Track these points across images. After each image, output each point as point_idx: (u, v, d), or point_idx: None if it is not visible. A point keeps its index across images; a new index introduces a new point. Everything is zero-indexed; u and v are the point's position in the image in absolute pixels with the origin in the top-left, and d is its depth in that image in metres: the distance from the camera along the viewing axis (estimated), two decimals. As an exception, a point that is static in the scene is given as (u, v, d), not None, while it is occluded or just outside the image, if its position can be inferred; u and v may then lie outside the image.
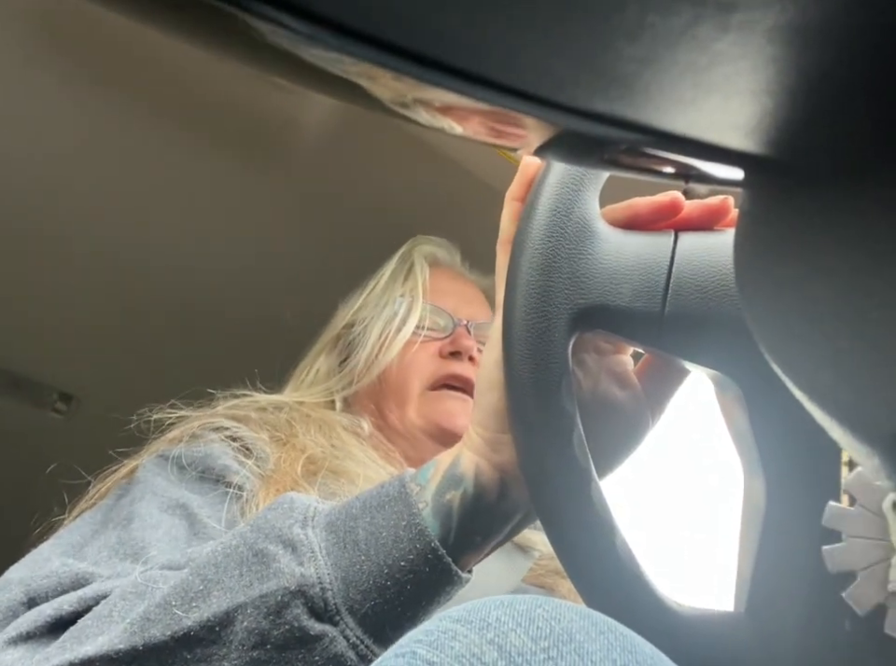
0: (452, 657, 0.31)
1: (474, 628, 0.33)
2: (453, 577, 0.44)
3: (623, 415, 0.48)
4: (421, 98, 0.19)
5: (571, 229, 0.43)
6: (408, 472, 0.47)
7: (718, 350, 0.42)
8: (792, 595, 0.39)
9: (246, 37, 0.17)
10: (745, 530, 0.42)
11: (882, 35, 0.16)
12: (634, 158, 0.20)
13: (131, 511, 0.60)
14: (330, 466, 0.68)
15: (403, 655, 0.33)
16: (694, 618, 0.41)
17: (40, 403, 1.21)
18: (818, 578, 0.39)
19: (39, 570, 0.53)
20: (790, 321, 0.20)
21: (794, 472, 0.40)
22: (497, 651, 0.31)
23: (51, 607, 0.49)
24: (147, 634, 0.43)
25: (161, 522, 0.58)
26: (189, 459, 0.65)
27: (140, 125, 0.93)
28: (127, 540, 0.56)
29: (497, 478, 0.45)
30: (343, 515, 0.46)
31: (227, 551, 0.45)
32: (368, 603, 0.43)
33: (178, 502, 0.61)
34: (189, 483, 0.63)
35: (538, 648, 0.31)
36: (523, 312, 0.42)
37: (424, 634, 0.34)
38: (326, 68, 0.18)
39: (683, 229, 0.45)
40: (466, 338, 0.85)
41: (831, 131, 0.19)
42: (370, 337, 0.84)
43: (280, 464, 0.67)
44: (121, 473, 0.67)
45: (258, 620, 0.42)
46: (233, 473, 0.64)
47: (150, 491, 0.62)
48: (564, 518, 0.41)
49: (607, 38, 0.16)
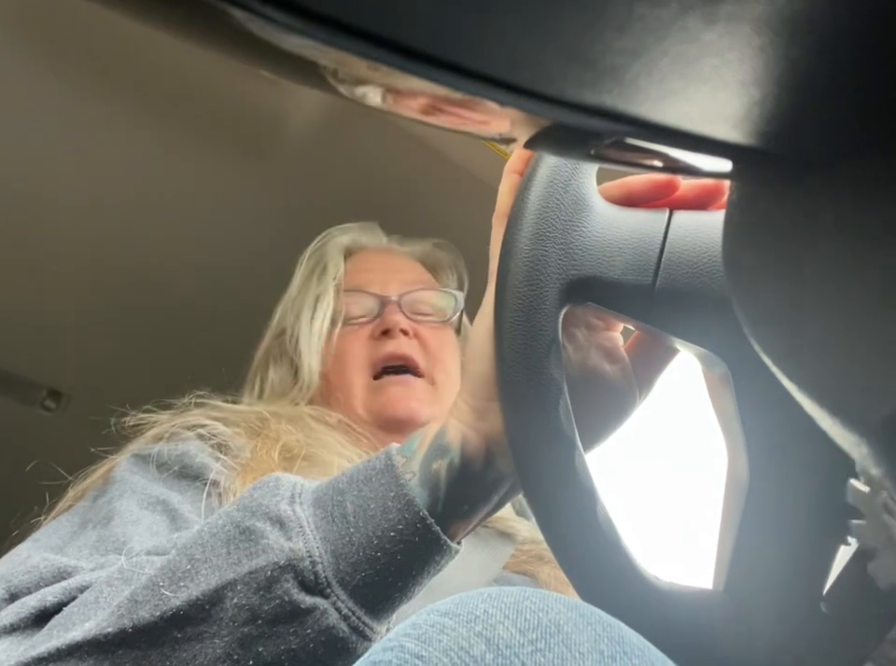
0: (440, 650, 0.32)
1: (462, 621, 0.33)
2: (442, 547, 0.44)
3: (610, 389, 0.49)
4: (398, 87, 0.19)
5: (567, 202, 0.43)
6: (393, 445, 0.47)
7: (706, 327, 0.43)
8: (771, 574, 0.40)
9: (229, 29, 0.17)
10: (727, 508, 0.43)
11: (868, 26, 0.16)
12: (623, 150, 0.20)
13: (110, 510, 0.59)
14: (306, 454, 0.68)
15: (392, 649, 0.33)
16: (672, 592, 0.41)
17: (29, 400, 1.20)
18: (797, 560, 0.39)
19: (19, 566, 0.53)
20: (778, 311, 0.20)
21: (778, 451, 0.40)
22: (485, 644, 0.31)
23: (35, 599, 0.48)
24: (136, 616, 0.43)
25: (141, 518, 0.58)
26: (167, 457, 0.65)
27: (129, 121, 0.92)
28: (108, 537, 0.56)
29: (483, 446, 0.45)
30: (330, 490, 0.46)
31: (213, 531, 0.45)
32: (358, 575, 0.43)
33: (158, 498, 0.60)
34: (168, 481, 0.63)
35: (525, 640, 0.32)
36: (515, 281, 0.42)
37: (412, 628, 0.34)
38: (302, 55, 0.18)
39: (678, 208, 0.45)
40: (393, 313, 0.84)
41: (818, 122, 0.19)
42: (302, 342, 0.83)
43: (256, 451, 0.67)
44: (98, 474, 0.66)
45: (248, 596, 0.42)
46: (211, 470, 0.64)
47: (129, 489, 0.61)
48: (546, 485, 0.41)
49: (595, 30, 0.16)
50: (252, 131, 0.94)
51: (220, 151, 0.97)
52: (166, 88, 0.90)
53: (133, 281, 1.08)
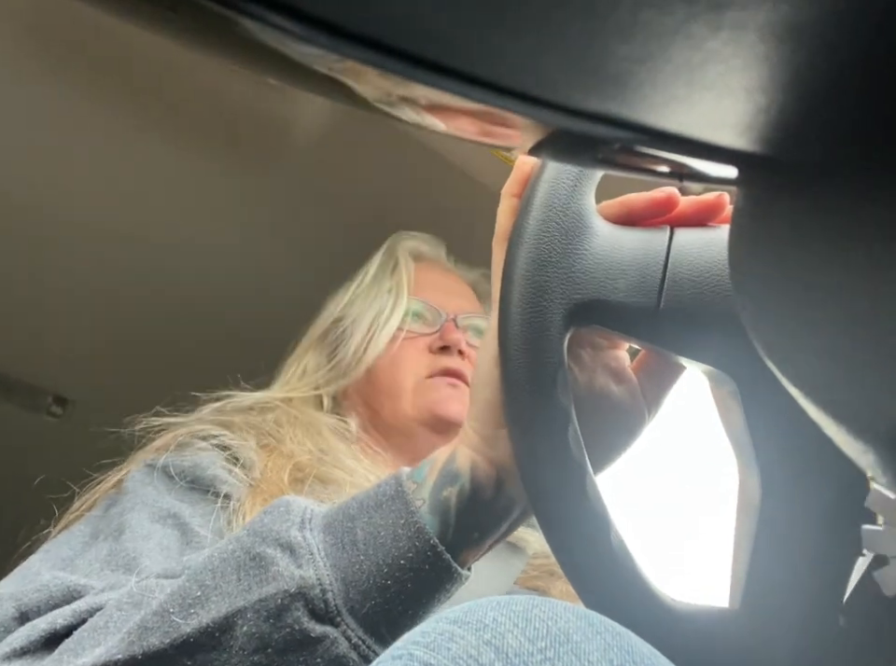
0: (449, 658, 0.31)
1: (471, 629, 0.33)
2: (452, 574, 0.44)
3: (618, 410, 0.48)
4: (408, 96, 0.19)
5: (567, 225, 0.43)
6: (403, 470, 0.47)
7: (713, 345, 0.42)
8: (787, 592, 0.39)
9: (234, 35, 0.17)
10: (740, 526, 0.42)
11: (874, 33, 0.16)
12: (628, 157, 0.20)
13: (121, 522, 0.59)
14: (318, 474, 0.68)
15: (400, 657, 0.33)
16: (689, 614, 0.41)
17: (35, 406, 1.20)
18: (813, 575, 0.39)
19: (29, 584, 0.53)
20: (785, 319, 0.20)
21: (789, 466, 0.40)
22: (494, 652, 0.31)
23: (45, 621, 0.48)
24: (146, 643, 0.42)
25: (152, 533, 0.58)
26: (178, 468, 0.64)
27: (132, 126, 0.93)
28: (118, 551, 0.56)
29: (493, 473, 0.45)
30: (340, 516, 0.45)
31: (224, 556, 0.45)
32: (368, 603, 0.42)
33: (169, 512, 0.60)
34: (179, 493, 0.63)
35: (535, 649, 0.31)
36: (518, 307, 0.42)
37: (420, 636, 0.34)
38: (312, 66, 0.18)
39: (679, 225, 0.45)
40: (454, 331, 0.85)
41: (824, 129, 0.19)
42: (357, 331, 0.84)
43: (266, 472, 0.67)
44: (109, 483, 0.66)
45: (258, 624, 0.41)
46: (223, 483, 0.64)
47: (140, 501, 0.61)
48: (558, 512, 0.41)
49: (600, 37, 0.16)
50: (256, 136, 0.95)
51: (226, 158, 0.97)
52: (170, 94, 0.90)
53: (139, 288, 1.08)
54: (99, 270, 1.06)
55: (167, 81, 0.89)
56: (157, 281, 1.08)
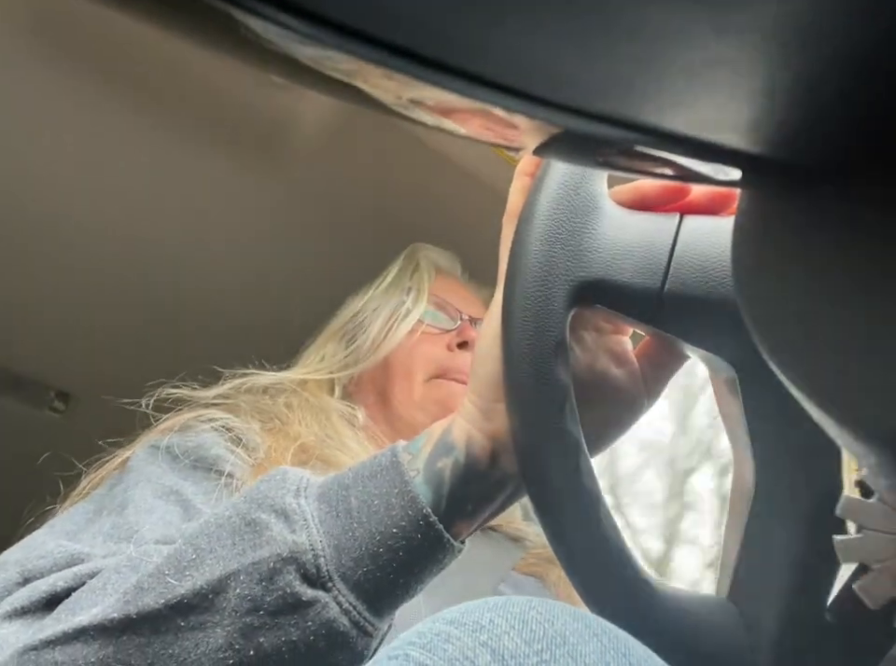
0: (445, 659, 0.32)
1: (467, 630, 0.33)
2: (444, 545, 0.44)
3: (618, 393, 0.49)
4: (416, 97, 0.19)
5: (578, 204, 0.43)
6: (400, 443, 0.47)
7: (714, 331, 0.43)
8: (775, 582, 0.40)
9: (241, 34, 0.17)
10: (732, 514, 0.43)
11: (877, 36, 0.16)
12: (632, 158, 0.21)
13: (125, 498, 0.60)
14: (321, 455, 0.69)
15: (396, 657, 0.33)
16: (676, 598, 0.41)
17: (37, 401, 1.21)
18: (801, 566, 0.39)
19: (34, 551, 0.54)
20: (786, 319, 0.20)
21: (784, 457, 0.40)
22: (491, 654, 0.31)
23: (46, 583, 0.49)
24: (141, 603, 0.43)
25: (155, 507, 0.59)
26: (182, 448, 0.66)
27: (137, 123, 0.93)
28: (121, 525, 0.57)
29: (488, 446, 0.45)
30: (335, 485, 0.46)
31: (220, 522, 0.46)
32: (360, 570, 0.43)
33: (172, 489, 0.61)
34: (182, 471, 0.64)
35: (531, 651, 0.32)
36: (523, 282, 0.42)
37: (417, 636, 0.34)
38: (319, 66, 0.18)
39: (689, 213, 0.45)
40: (472, 330, 0.87)
41: (826, 131, 0.19)
42: (376, 321, 0.86)
43: (271, 452, 0.68)
44: (114, 463, 0.67)
45: (250, 587, 0.42)
46: (225, 462, 0.65)
47: (144, 478, 0.62)
48: (551, 486, 0.41)
49: (605, 38, 0.16)
50: (262, 135, 0.95)
51: (230, 155, 0.97)
52: (175, 91, 0.90)
53: (141, 284, 1.08)
54: (102, 267, 1.06)
55: (171, 80, 0.89)
56: (159, 277, 1.08)
